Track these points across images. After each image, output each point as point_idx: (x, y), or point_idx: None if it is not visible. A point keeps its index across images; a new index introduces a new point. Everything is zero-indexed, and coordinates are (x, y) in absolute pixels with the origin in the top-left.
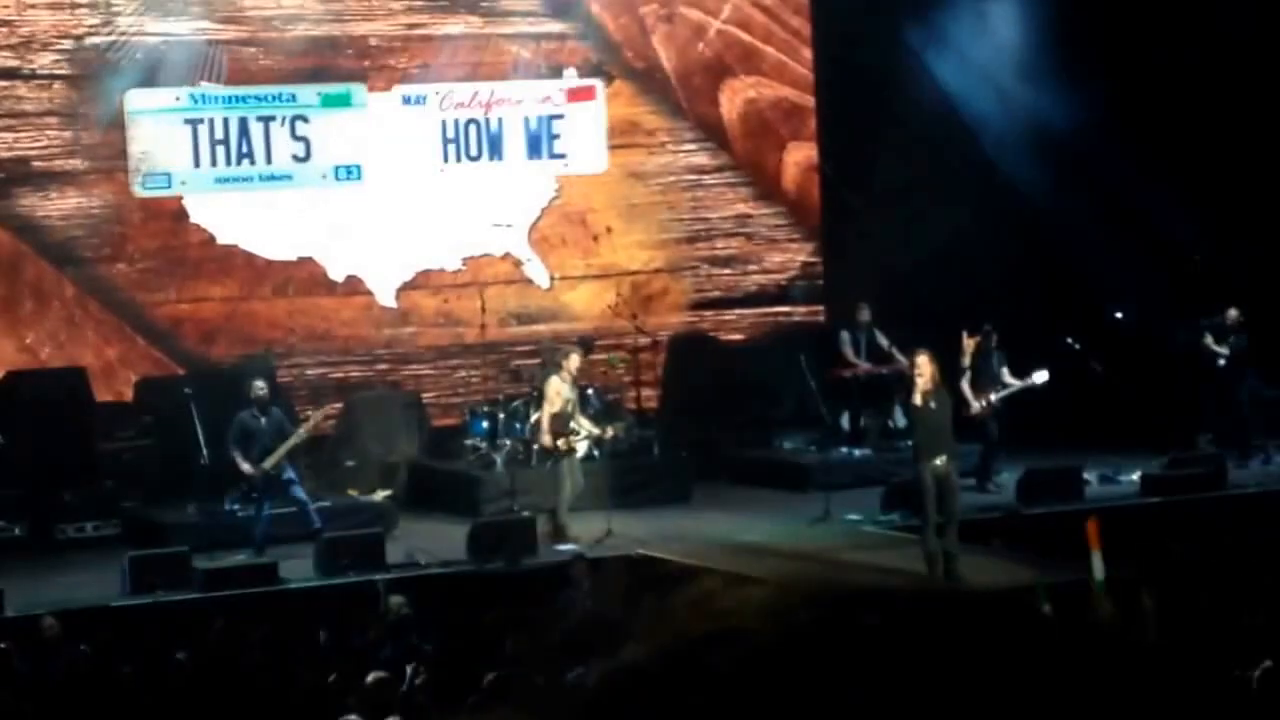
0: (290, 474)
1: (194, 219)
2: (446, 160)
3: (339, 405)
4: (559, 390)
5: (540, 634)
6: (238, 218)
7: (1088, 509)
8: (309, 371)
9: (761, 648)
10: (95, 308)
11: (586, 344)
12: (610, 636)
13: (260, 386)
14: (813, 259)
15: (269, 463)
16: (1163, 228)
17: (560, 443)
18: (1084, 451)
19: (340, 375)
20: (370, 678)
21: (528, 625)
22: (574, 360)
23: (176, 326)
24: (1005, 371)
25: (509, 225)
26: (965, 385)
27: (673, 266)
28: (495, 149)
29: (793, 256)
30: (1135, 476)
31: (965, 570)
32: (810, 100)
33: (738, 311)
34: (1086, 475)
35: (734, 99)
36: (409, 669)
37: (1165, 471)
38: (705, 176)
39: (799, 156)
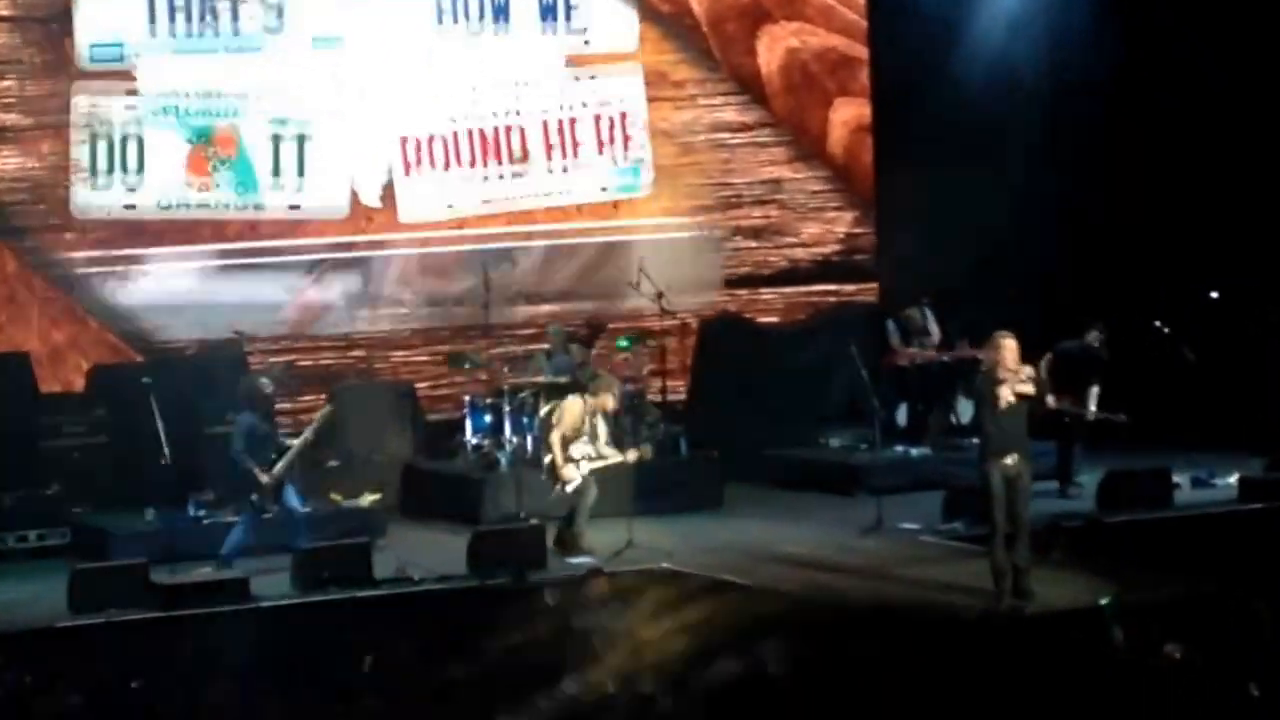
0: (289, 489)
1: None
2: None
3: (323, 397)
4: (576, 416)
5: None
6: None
7: (1178, 516)
8: (286, 358)
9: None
10: (40, 285)
11: (596, 326)
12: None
13: (268, 384)
14: (857, 230)
15: (278, 469)
16: (1262, 191)
17: (565, 472)
18: (1174, 451)
19: (322, 362)
20: None
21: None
22: (608, 399)
23: (134, 305)
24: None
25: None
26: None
27: (702, 236)
28: (501, 12)
29: (831, 228)
30: (1233, 479)
31: (1037, 586)
32: (862, 50)
33: (773, 289)
34: (1177, 478)
35: (773, 48)
36: None
37: (1267, 474)
38: (736, 134)
39: (847, 115)
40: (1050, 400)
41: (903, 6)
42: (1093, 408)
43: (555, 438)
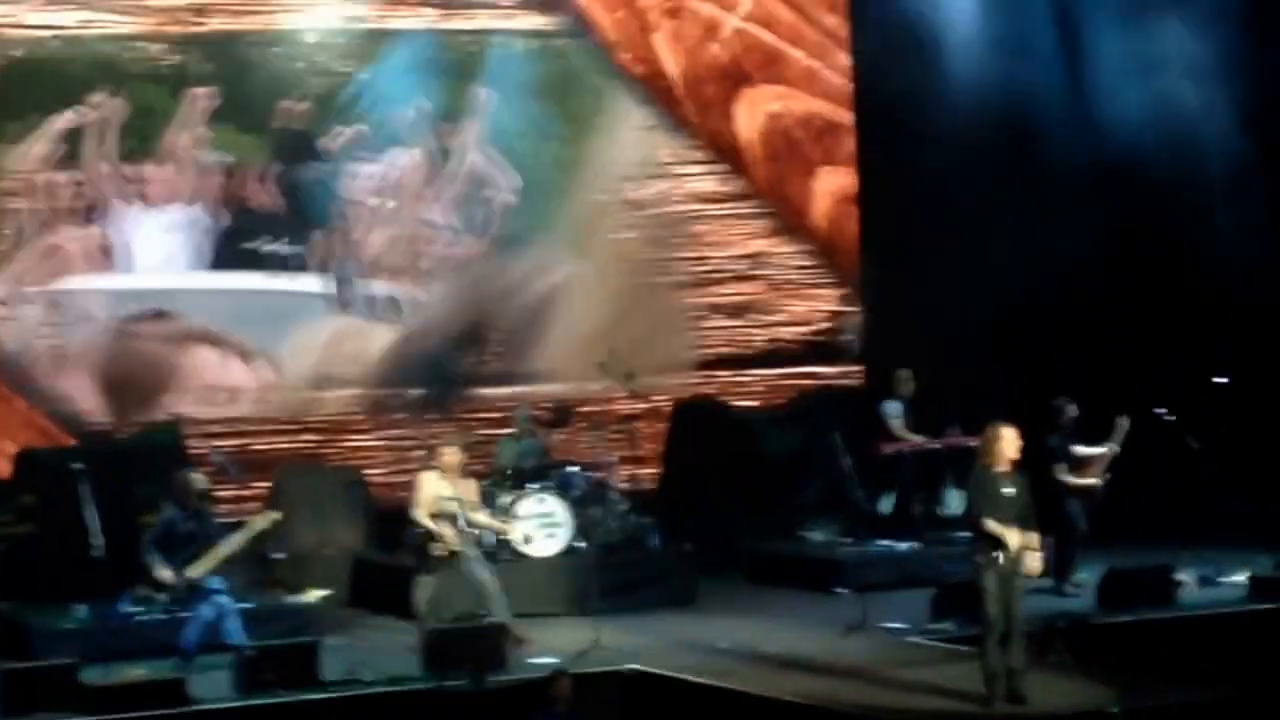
0: (216, 583)
1: None
2: None
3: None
4: (430, 488)
5: None
6: None
7: (1183, 616)
8: (227, 443)
9: None
10: None
11: (563, 412)
12: None
13: (200, 479)
14: (844, 308)
15: (196, 570)
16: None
17: (436, 549)
18: (1179, 547)
19: (265, 447)
20: None
21: None
22: (449, 456)
23: (67, 383)
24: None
25: None
26: (1062, 469)
27: (674, 316)
28: None
29: (818, 306)
30: (1242, 578)
31: (1031, 690)
32: (847, 116)
33: (754, 372)
34: (1182, 576)
35: (753, 113)
36: None
37: (1277, 572)
38: (713, 205)
39: (832, 185)
40: (1093, 480)
41: (889, 70)
42: (1100, 449)
43: (420, 514)
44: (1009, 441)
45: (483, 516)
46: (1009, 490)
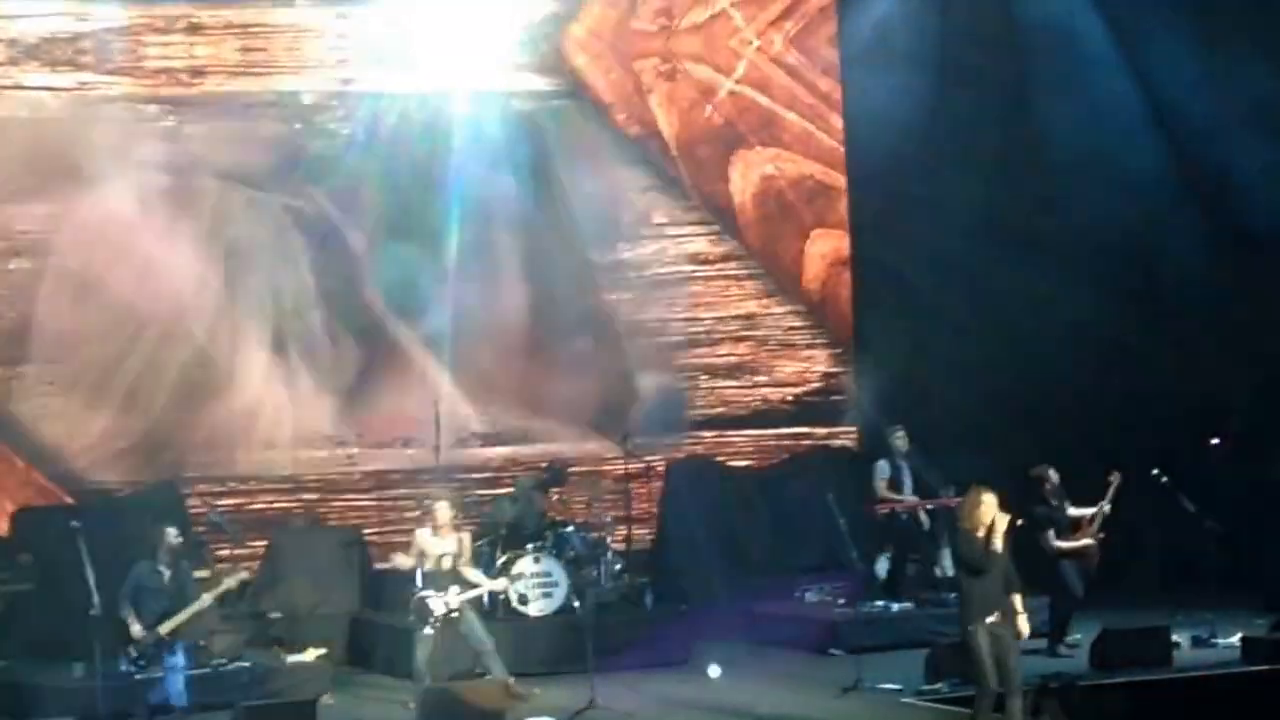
0: (177, 643)
1: None
2: None
3: (264, 543)
4: (425, 546)
5: None
6: None
7: (1176, 678)
8: (225, 501)
9: None
10: None
11: (558, 472)
12: None
13: (174, 535)
14: (835, 369)
15: (165, 628)
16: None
17: (432, 604)
18: (1173, 608)
19: (263, 507)
20: None
21: None
22: (440, 511)
23: (64, 442)
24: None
25: None
26: (1050, 535)
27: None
28: None
29: (808, 367)
30: (1235, 639)
31: None
32: (840, 179)
33: (745, 432)
34: (1176, 637)
35: (747, 175)
36: None
37: (1271, 633)
38: (706, 267)
39: (825, 247)
40: (1087, 540)
41: (882, 134)
42: (1091, 509)
43: (415, 572)
44: (989, 506)
45: (476, 573)
46: (993, 547)
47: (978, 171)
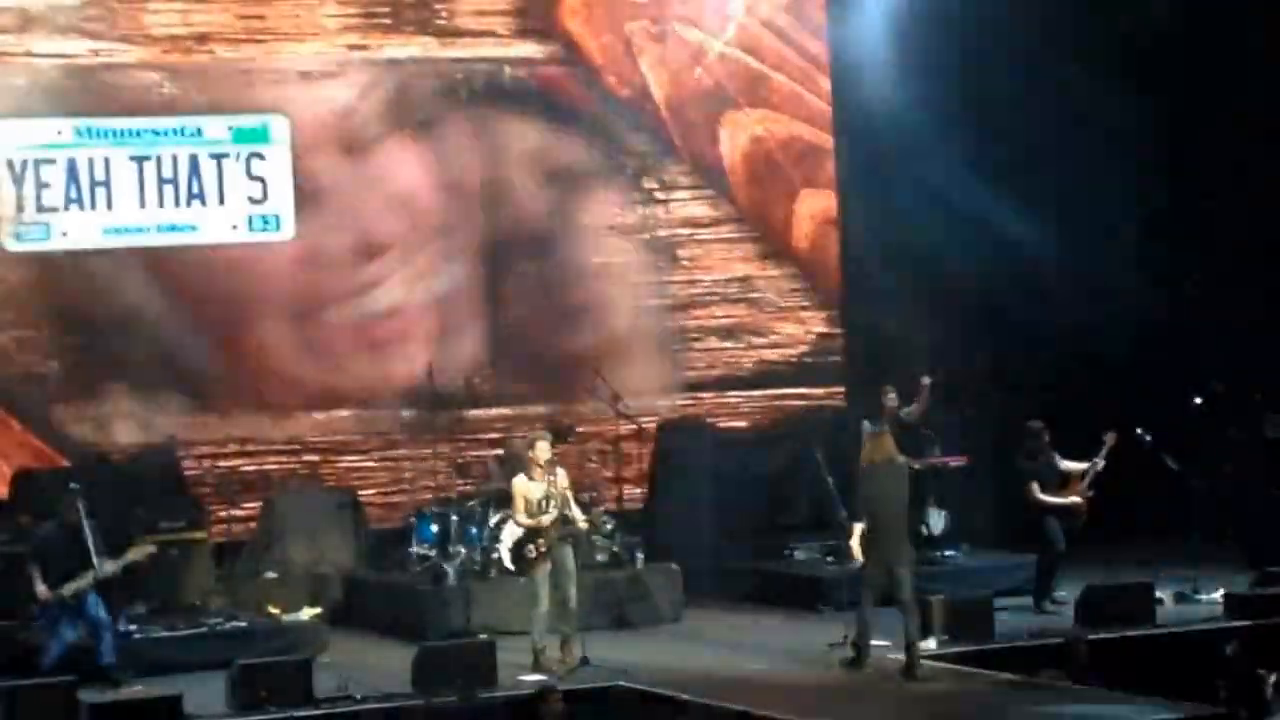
0: (92, 603)
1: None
2: None
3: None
4: (525, 491)
5: None
6: None
7: (1161, 634)
8: (220, 464)
9: None
10: None
11: (560, 431)
12: None
13: (80, 500)
14: (830, 330)
15: (67, 590)
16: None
17: (528, 549)
18: (1157, 565)
19: (256, 467)
20: None
21: None
22: (541, 449)
23: (62, 407)
24: (1062, 461)
25: None
26: (1035, 489)
27: (661, 339)
28: None
29: (807, 328)
30: (1218, 595)
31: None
32: (828, 140)
33: (740, 393)
34: (1160, 593)
35: (737, 136)
36: None
37: (1254, 590)
38: (700, 230)
39: (814, 207)
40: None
41: (869, 94)
42: (1085, 463)
43: (520, 518)
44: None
45: (576, 512)
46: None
47: (965, 124)
